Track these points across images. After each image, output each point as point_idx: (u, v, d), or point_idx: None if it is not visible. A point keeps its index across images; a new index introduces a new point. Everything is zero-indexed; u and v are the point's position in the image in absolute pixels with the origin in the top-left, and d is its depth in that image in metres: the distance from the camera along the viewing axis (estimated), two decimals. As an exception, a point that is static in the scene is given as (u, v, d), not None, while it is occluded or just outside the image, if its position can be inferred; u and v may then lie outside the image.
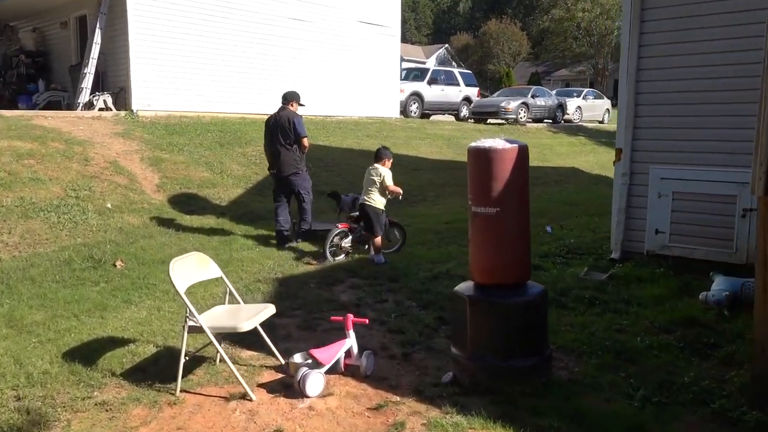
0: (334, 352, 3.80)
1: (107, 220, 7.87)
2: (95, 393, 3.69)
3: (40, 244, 6.93)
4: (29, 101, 14.43)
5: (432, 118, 21.50)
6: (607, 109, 27.66)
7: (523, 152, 3.56)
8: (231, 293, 4.15)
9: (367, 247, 6.93)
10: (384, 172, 6.63)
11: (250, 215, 8.86)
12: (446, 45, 57.02)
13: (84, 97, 13.24)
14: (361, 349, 3.97)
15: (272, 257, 6.79)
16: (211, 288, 5.49)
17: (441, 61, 48.49)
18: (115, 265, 6.30)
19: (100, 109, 12.98)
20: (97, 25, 13.23)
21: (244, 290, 5.57)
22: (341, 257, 6.81)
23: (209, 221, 8.47)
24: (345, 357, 3.88)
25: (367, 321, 3.84)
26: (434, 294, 5.50)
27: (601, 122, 26.86)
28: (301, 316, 5.03)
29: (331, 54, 16.79)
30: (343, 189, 11.06)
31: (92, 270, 6.16)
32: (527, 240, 3.65)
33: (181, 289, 3.66)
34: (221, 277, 4.13)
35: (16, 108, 13.43)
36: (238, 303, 4.20)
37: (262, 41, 15.18)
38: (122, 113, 12.84)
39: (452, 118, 22.56)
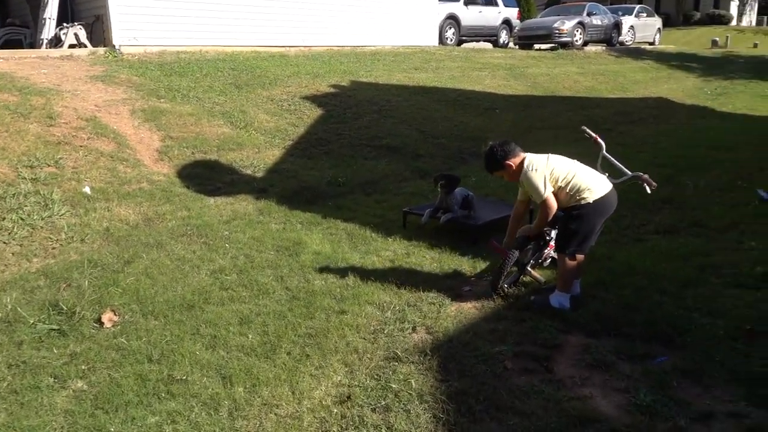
0: None
1: (85, 218, 4.84)
2: None
3: (-32, 275, 3.94)
4: (-21, 41, 11.09)
5: (464, 45, 18.01)
6: (659, 29, 24.18)
7: None
8: None
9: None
10: None
11: (307, 192, 5.83)
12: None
13: (48, 31, 9.95)
14: None
15: (383, 285, 3.80)
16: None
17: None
18: (100, 323, 3.34)
19: (71, 46, 9.73)
20: (57, -68, 9.80)
21: (372, 390, 2.68)
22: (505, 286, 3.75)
23: (246, 206, 5.46)
24: None
25: None
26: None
27: (651, 43, 23.43)
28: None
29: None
30: (419, 144, 8.00)
31: (57, 338, 3.20)
32: None
33: None
34: None
35: (-39, 50, 10.15)
36: None
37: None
38: (100, 50, 9.58)
39: (490, 46, 19.07)
